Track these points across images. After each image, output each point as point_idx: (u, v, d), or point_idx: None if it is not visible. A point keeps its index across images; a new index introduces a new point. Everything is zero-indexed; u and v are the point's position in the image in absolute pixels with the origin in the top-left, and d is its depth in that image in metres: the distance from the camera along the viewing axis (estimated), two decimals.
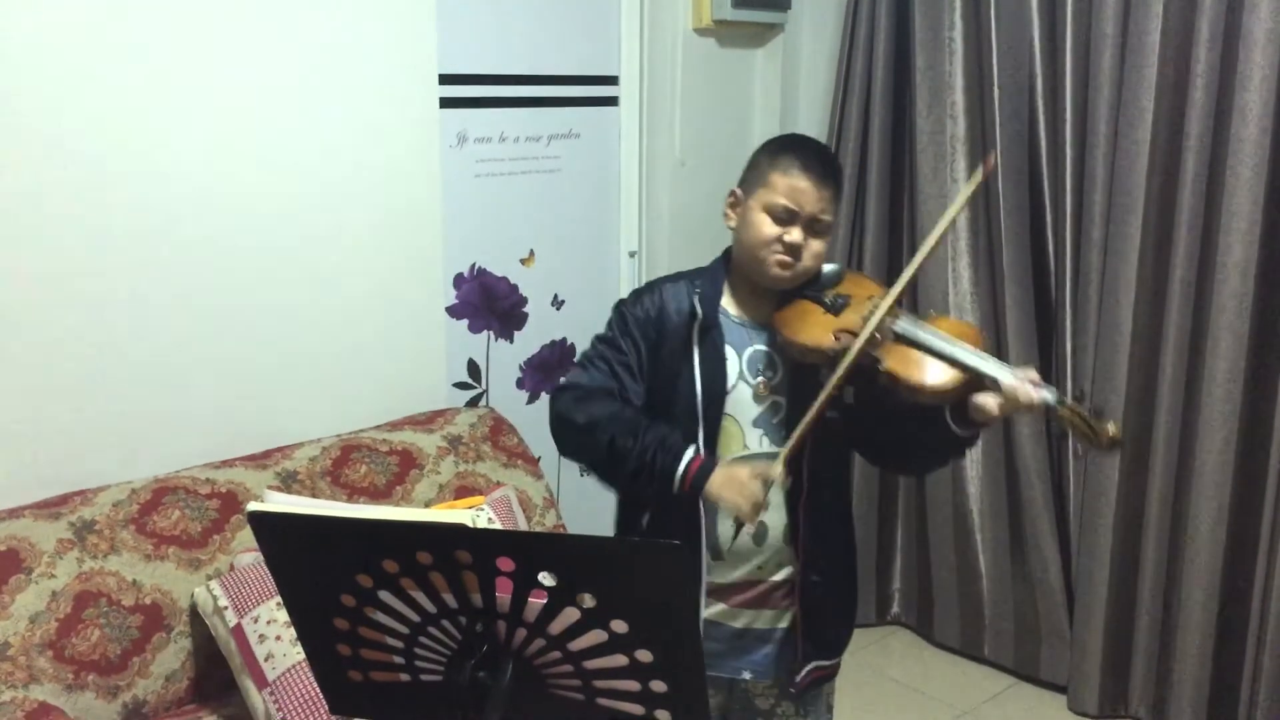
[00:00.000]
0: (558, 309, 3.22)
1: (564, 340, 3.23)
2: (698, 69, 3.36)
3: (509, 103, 3.01)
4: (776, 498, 1.80)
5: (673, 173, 3.31)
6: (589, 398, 1.79)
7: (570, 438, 1.81)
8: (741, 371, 1.80)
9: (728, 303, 1.84)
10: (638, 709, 1.23)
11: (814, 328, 1.74)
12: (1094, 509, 3.02)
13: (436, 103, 2.77)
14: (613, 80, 3.25)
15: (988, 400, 1.62)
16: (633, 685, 1.22)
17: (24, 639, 1.99)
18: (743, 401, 1.79)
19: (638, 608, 1.18)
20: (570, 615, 1.19)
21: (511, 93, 3.01)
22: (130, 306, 2.32)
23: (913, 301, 3.36)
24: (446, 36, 2.77)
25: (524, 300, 3.13)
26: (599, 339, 1.87)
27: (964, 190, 1.87)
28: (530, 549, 1.20)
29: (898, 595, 3.62)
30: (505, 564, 1.18)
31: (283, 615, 2.13)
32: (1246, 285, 2.71)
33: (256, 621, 2.13)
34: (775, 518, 1.81)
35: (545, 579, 1.18)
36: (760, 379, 1.80)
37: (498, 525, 2.40)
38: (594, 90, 3.21)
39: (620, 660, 1.21)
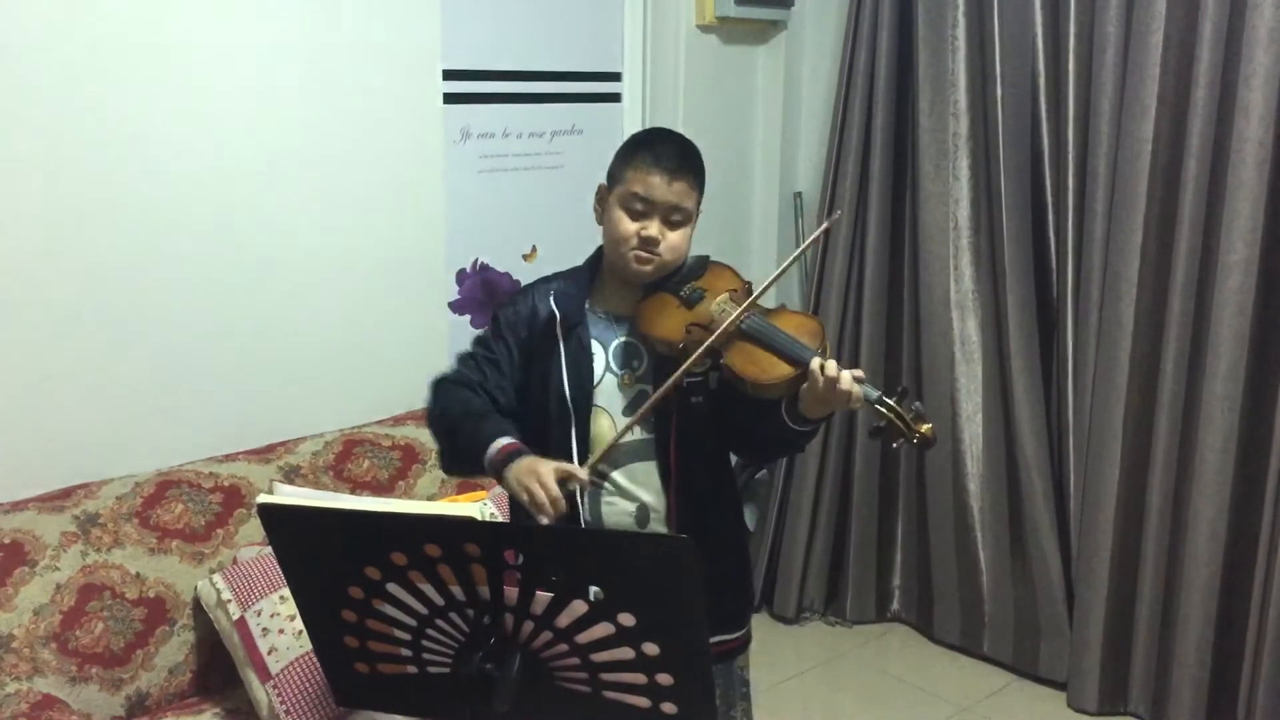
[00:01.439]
0: None
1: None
2: (701, 66, 3.36)
3: (512, 99, 3.01)
4: (652, 481, 1.84)
5: None
6: (448, 388, 1.87)
7: (429, 424, 1.91)
8: (608, 363, 1.86)
9: (596, 298, 1.90)
10: (644, 701, 1.24)
11: (667, 321, 1.80)
12: (1094, 506, 3.03)
13: (440, 99, 2.77)
14: (616, 77, 3.25)
15: (816, 393, 1.66)
16: (639, 678, 1.23)
17: (28, 631, 2.00)
18: (610, 392, 1.85)
19: (645, 601, 1.19)
20: (577, 608, 1.20)
21: (515, 89, 3.01)
22: (134, 301, 2.32)
23: (913, 298, 3.36)
24: (450, 33, 2.78)
25: None
26: (475, 339, 1.96)
27: (812, 235, 1.97)
28: (540, 542, 1.20)
29: (897, 592, 3.63)
30: (513, 557, 1.18)
31: (285, 608, 2.14)
32: (1248, 283, 2.71)
33: (260, 615, 2.14)
34: (654, 500, 1.85)
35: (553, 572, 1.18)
36: (625, 370, 1.85)
37: (501, 520, 2.41)
38: (597, 86, 3.21)
39: (627, 653, 1.21)
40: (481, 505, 2.42)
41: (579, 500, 1.83)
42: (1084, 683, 3.10)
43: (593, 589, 1.18)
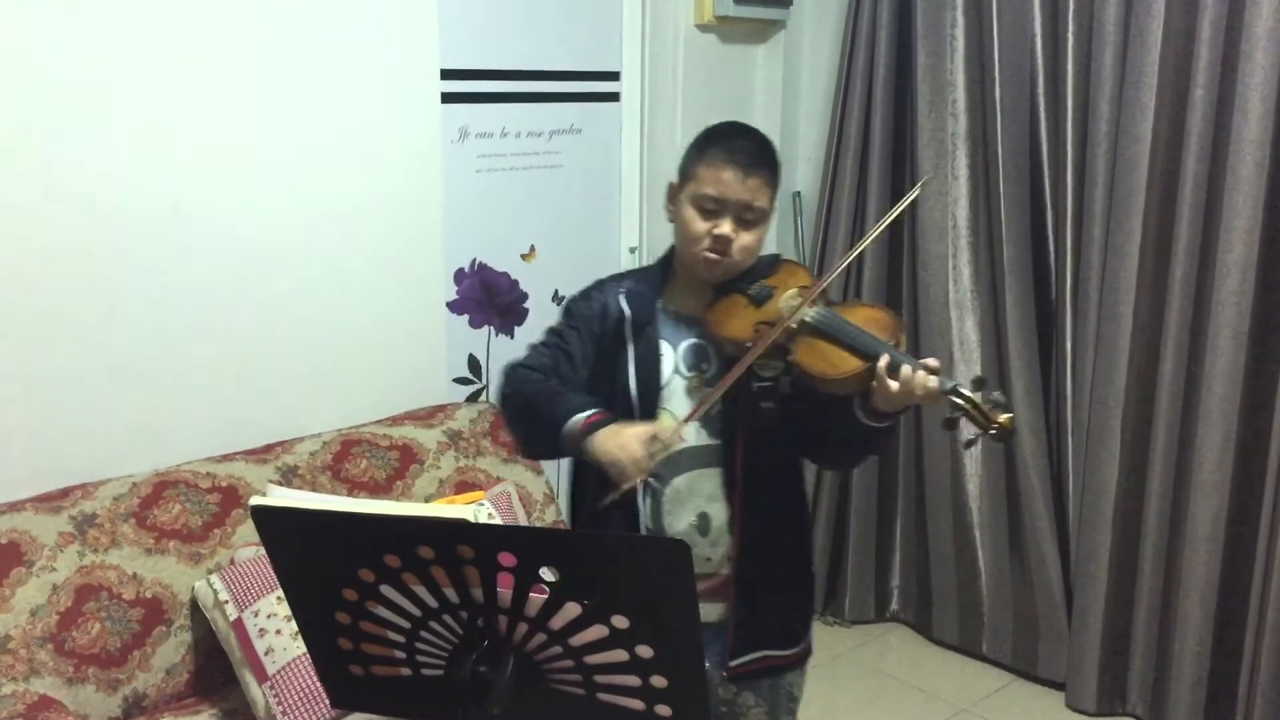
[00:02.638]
0: (558, 304, 3.22)
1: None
2: (699, 65, 3.36)
3: (510, 98, 3.01)
4: (716, 490, 1.81)
5: (673, 169, 3.30)
6: (520, 373, 1.86)
7: (503, 408, 1.89)
8: (677, 365, 1.82)
9: (667, 298, 1.86)
10: (638, 704, 1.24)
11: (736, 320, 1.76)
12: (1093, 506, 3.03)
13: (438, 98, 2.77)
14: (614, 76, 3.25)
15: (887, 387, 1.61)
16: (633, 680, 1.23)
17: (25, 632, 2.00)
18: (678, 395, 1.81)
19: (639, 603, 1.18)
20: (571, 610, 1.20)
21: (513, 88, 3.01)
22: (131, 301, 2.32)
23: (911, 297, 3.36)
24: (448, 32, 2.78)
25: (525, 295, 3.13)
26: (548, 329, 1.93)
27: (902, 201, 1.90)
28: (532, 544, 1.20)
29: (896, 592, 3.63)
30: (507, 559, 1.18)
31: (283, 609, 2.13)
32: (1247, 283, 2.71)
33: (257, 615, 2.14)
34: (717, 509, 1.82)
35: (546, 574, 1.18)
36: (694, 372, 1.82)
37: (498, 520, 2.41)
38: (595, 86, 3.21)
39: (621, 655, 1.21)
40: (477, 507, 2.42)
41: (639, 506, 1.80)
42: (1082, 683, 3.10)
43: (544, 571, 1.17)
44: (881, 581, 3.63)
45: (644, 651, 1.20)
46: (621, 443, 1.65)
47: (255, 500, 1.27)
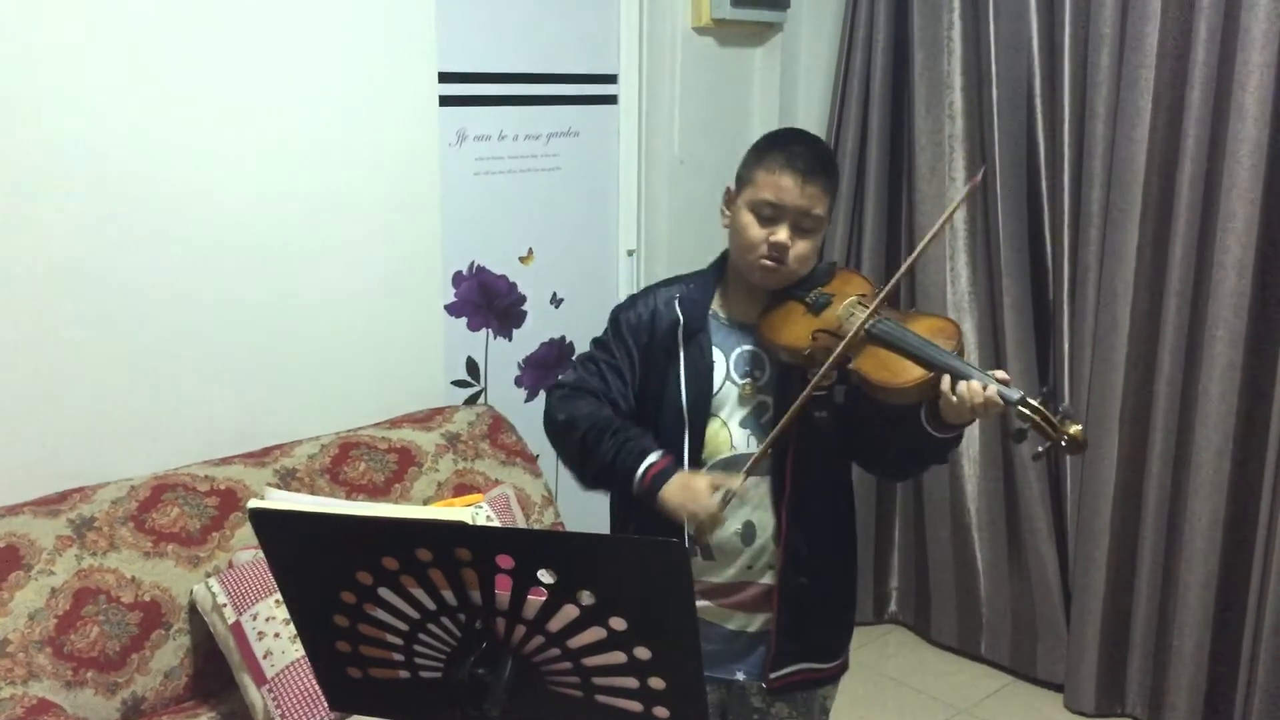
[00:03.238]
0: (556, 307, 3.22)
1: (562, 338, 3.24)
2: (697, 68, 3.36)
3: (508, 101, 3.01)
4: (763, 499, 1.80)
5: (671, 171, 3.32)
6: (573, 396, 1.83)
7: (552, 433, 1.87)
8: (728, 373, 1.81)
9: (720, 304, 1.84)
10: (636, 706, 1.24)
11: (793, 327, 1.74)
12: (1091, 508, 3.03)
13: (436, 101, 2.77)
14: (612, 79, 3.25)
15: (951, 399, 1.60)
16: (631, 682, 1.23)
17: (23, 636, 2.00)
18: (729, 402, 1.80)
19: (636, 605, 1.18)
20: (569, 612, 1.20)
21: (511, 91, 3.01)
22: (129, 303, 2.32)
23: (910, 299, 3.36)
24: (446, 34, 2.78)
25: (523, 298, 3.13)
26: (595, 341, 1.90)
27: (960, 196, 1.87)
28: (530, 546, 1.20)
29: (895, 594, 3.63)
30: (505, 561, 1.18)
31: (281, 612, 2.13)
32: (1243, 284, 2.71)
33: (255, 619, 2.14)
34: (763, 518, 1.81)
35: (544, 576, 1.18)
36: (746, 380, 1.80)
37: (496, 523, 2.41)
38: (593, 89, 3.21)
39: (619, 657, 1.21)
40: (475, 510, 2.42)
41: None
42: (1081, 684, 3.11)
43: (542, 573, 1.17)
44: (880, 583, 3.63)
45: (642, 653, 1.20)
46: (693, 495, 1.65)
47: (253, 503, 1.27)
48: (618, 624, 1.19)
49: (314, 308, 2.61)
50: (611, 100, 3.26)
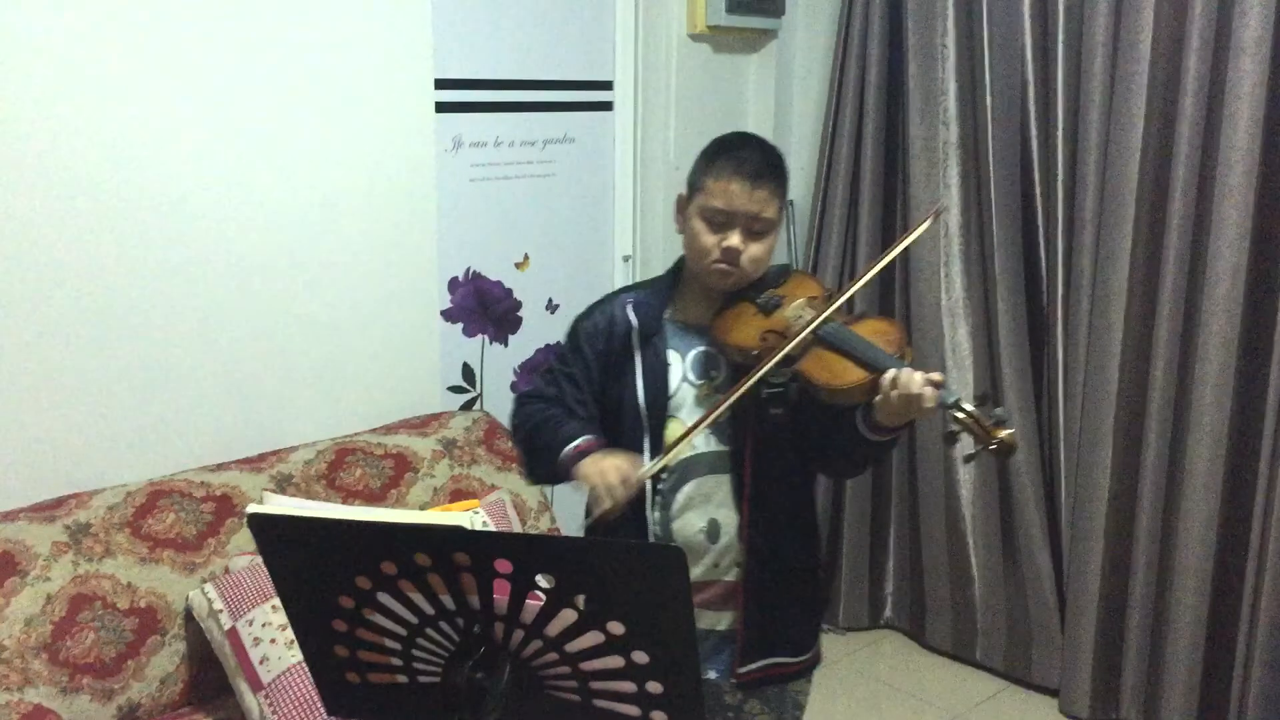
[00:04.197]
0: (552, 313, 3.22)
1: (558, 344, 3.23)
2: (692, 74, 3.37)
3: (504, 107, 3.02)
4: (725, 496, 1.82)
5: (667, 177, 3.33)
6: (529, 404, 1.91)
7: (512, 436, 1.96)
8: (685, 374, 1.84)
9: (675, 308, 1.88)
10: (634, 710, 1.24)
11: (743, 328, 1.78)
12: (1085, 513, 3.04)
13: (432, 107, 2.78)
14: (607, 85, 3.26)
15: (890, 398, 1.62)
16: (629, 686, 1.23)
17: (19, 642, 1.99)
18: (687, 403, 1.83)
19: (634, 609, 1.19)
20: (567, 617, 1.20)
21: (507, 97, 3.02)
22: (126, 309, 2.32)
23: (904, 306, 3.37)
24: (442, 41, 2.79)
25: (518, 304, 3.14)
26: (557, 353, 1.98)
27: (917, 229, 1.92)
28: (528, 551, 1.20)
29: (890, 599, 3.63)
30: (503, 566, 1.18)
31: (277, 618, 2.13)
32: (1236, 290, 2.72)
33: (251, 624, 2.14)
34: (727, 515, 1.83)
35: (542, 581, 1.19)
36: (703, 381, 1.83)
37: (493, 528, 2.41)
38: (589, 95, 3.22)
39: (617, 661, 1.21)
40: (472, 514, 2.41)
41: (648, 514, 1.82)
42: (1076, 689, 3.11)
43: (540, 578, 1.18)
44: (875, 588, 3.64)
45: (640, 658, 1.20)
46: (601, 469, 1.69)
47: (252, 508, 1.27)
48: (615, 628, 1.19)
49: (310, 314, 2.61)
50: (607, 107, 3.27)
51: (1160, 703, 2.97)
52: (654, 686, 1.22)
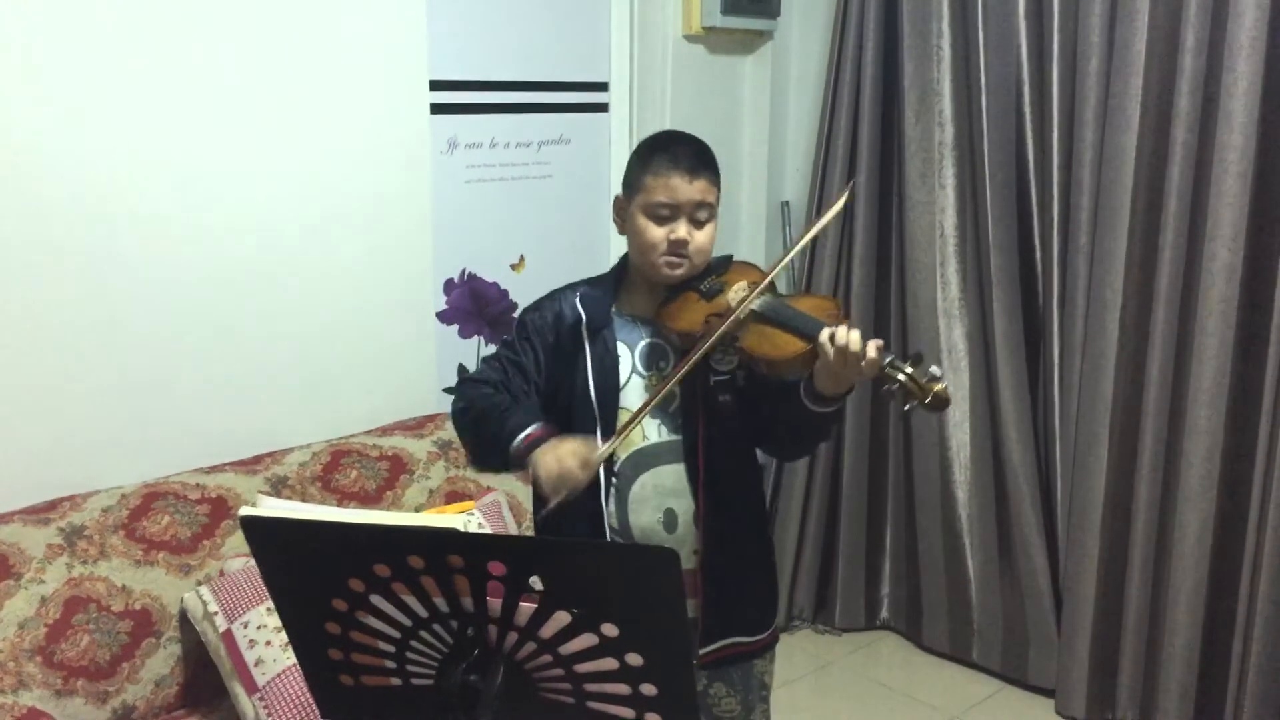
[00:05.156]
0: None
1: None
2: (687, 75, 3.37)
3: (499, 109, 3.02)
4: (680, 485, 1.84)
5: None
6: (473, 386, 1.90)
7: (454, 421, 1.93)
8: (635, 365, 1.87)
9: (623, 301, 1.91)
10: (628, 712, 1.24)
11: (688, 314, 1.82)
12: (1081, 513, 3.04)
13: (427, 108, 2.78)
14: (603, 86, 3.26)
15: (826, 365, 1.67)
16: (623, 688, 1.23)
17: (13, 645, 1.99)
18: (637, 394, 1.85)
19: (628, 611, 1.19)
20: (561, 619, 1.20)
21: (502, 99, 3.02)
22: (120, 312, 2.32)
23: (900, 305, 3.37)
24: (437, 42, 2.78)
25: (514, 305, 3.14)
26: (501, 342, 1.97)
27: (834, 207, 1.95)
28: (522, 553, 1.20)
29: (886, 599, 3.63)
30: (497, 568, 1.18)
31: (272, 620, 2.13)
32: (1232, 291, 2.72)
33: (246, 627, 2.13)
34: (683, 504, 1.85)
35: (536, 583, 1.18)
36: (652, 372, 1.86)
37: (488, 530, 2.41)
38: (584, 96, 3.22)
39: (610, 664, 1.21)
40: (467, 517, 2.42)
41: (604, 507, 1.83)
42: (1072, 690, 3.11)
43: (533, 580, 1.18)
44: (871, 589, 3.64)
45: (633, 660, 1.20)
46: (558, 455, 1.69)
47: (244, 511, 1.27)
48: (609, 630, 1.19)
49: (305, 315, 2.61)
50: (603, 108, 3.27)
51: (1156, 703, 2.97)
52: (648, 688, 1.22)
